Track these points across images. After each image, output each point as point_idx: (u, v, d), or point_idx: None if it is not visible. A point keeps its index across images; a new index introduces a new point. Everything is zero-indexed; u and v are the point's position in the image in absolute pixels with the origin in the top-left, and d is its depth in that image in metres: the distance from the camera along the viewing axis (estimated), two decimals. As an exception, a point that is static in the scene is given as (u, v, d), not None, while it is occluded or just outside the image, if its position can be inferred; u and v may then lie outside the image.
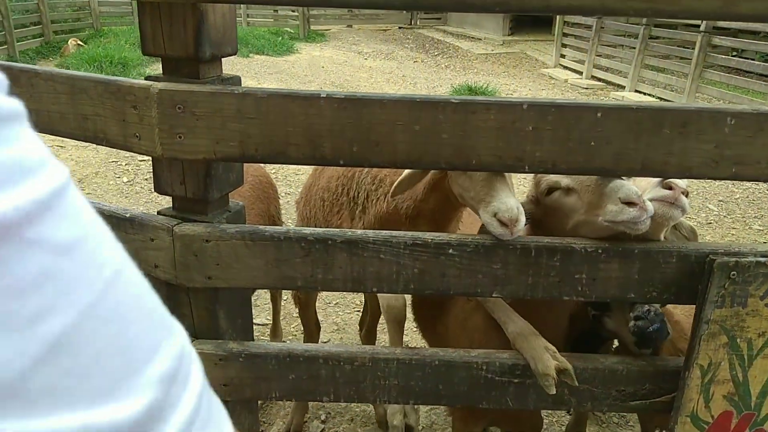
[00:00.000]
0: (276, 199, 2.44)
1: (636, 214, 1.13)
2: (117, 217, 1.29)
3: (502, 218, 1.16)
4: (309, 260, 1.25)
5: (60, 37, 11.78)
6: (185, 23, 1.12)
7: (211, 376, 1.33)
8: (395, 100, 1.12)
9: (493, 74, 12.04)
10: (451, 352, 1.33)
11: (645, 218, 1.14)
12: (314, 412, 2.37)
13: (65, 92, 1.24)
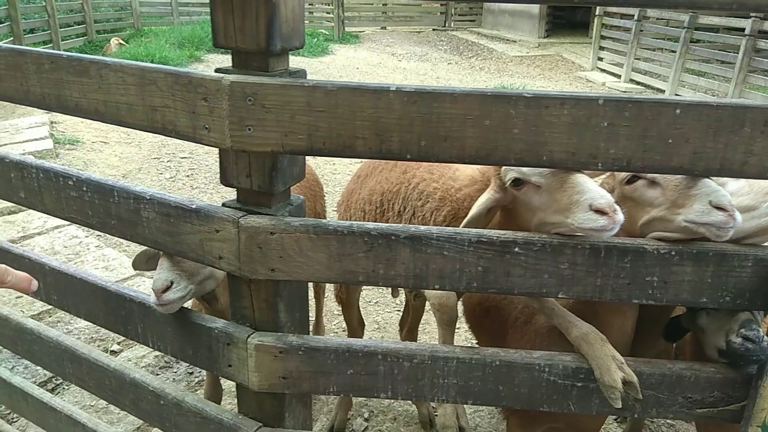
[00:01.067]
0: (322, 197, 2.45)
1: (724, 219, 1.10)
2: (183, 208, 1.30)
3: (600, 207, 1.13)
4: (371, 255, 1.24)
5: (102, 36, 12.09)
6: (257, 17, 1.12)
7: (271, 368, 1.34)
8: (466, 94, 1.11)
9: (529, 77, 11.91)
10: (512, 353, 1.31)
11: (731, 225, 1.11)
12: (357, 409, 2.36)
13: (134, 83, 1.26)
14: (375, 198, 1.87)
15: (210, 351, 1.40)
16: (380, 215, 1.86)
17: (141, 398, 1.58)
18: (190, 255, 1.35)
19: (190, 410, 1.49)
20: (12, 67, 1.46)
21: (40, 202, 1.55)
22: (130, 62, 1.27)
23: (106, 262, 3.45)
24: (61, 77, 1.36)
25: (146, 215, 1.36)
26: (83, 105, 1.35)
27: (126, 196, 1.37)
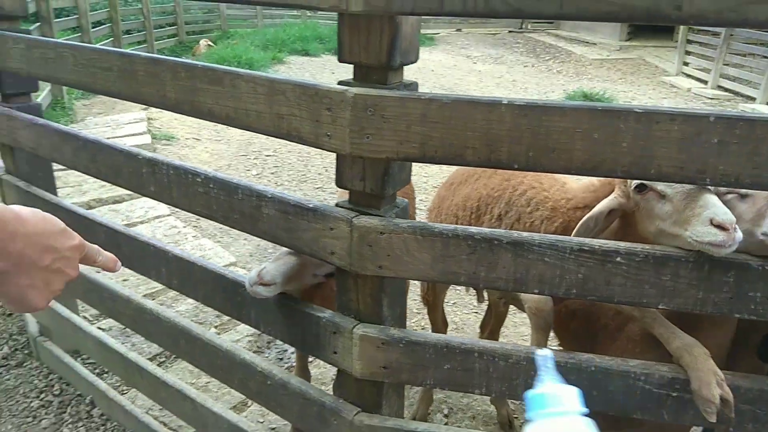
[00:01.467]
0: (413, 200, 2.55)
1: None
2: (301, 206, 1.43)
3: (721, 222, 1.16)
4: (474, 258, 1.32)
5: (191, 37, 12.74)
6: (382, 34, 1.22)
7: (373, 358, 1.44)
8: (576, 109, 1.16)
9: (609, 81, 11.57)
10: (608, 360, 1.35)
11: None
12: (437, 405, 2.44)
13: (264, 93, 1.39)
14: (470, 204, 1.94)
15: (317, 338, 1.52)
16: (475, 219, 1.92)
17: (249, 378, 1.72)
18: (304, 250, 1.47)
19: (294, 391, 1.61)
20: (150, 75, 1.63)
21: (169, 196, 1.72)
22: (261, 74, 1.41)
23: (202, 251, 3.70)
24: (196, 85, 1.52)
25: (267, 212, 1.50)
26: (216, 111, 1.50)
27: (249, 193, 1.51)
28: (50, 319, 2.48)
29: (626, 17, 1.09)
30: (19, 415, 2.46)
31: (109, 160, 1.87)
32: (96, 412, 2.43)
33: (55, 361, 2.58)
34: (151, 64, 1.63)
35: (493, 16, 1.16)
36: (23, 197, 2.29)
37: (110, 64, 1.74)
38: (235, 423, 1.83)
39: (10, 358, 2.71)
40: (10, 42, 2.04)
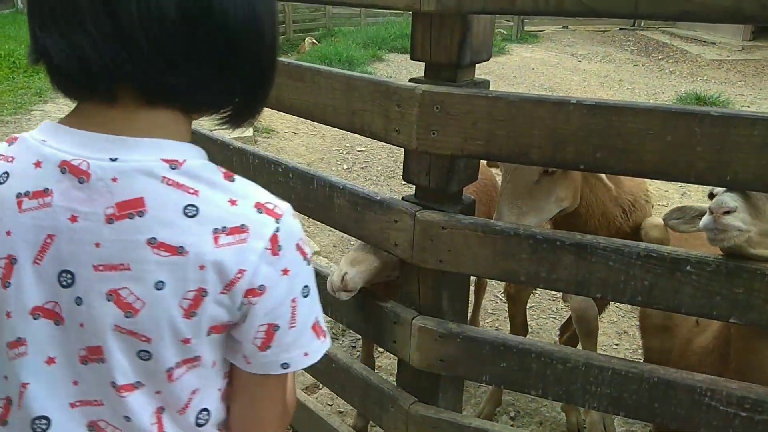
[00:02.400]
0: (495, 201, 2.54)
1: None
2: (369, 198, 1.49)
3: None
4: (535, 258, 1.31)
5: (298, 35, 13.27)
6: (452, 33, 1.25)
7: (431, 350, 1.47)
8: (649, 109, 1.13)
9: (727, 83, 10.71)
10: (672, 372, 1.29)
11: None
12: (504, 407, 2.43)
13: (340, 89, 1.47)
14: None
15: (379, 326, 1.58)
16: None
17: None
18: (370, 240, 1.53)
19: (357, 376, 1.68)
20: (243, 70, 1.76)
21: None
22: (339, 70, 1.49)
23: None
24: (282, 80, 1.62)
25: (338, 202, 1.57)
26: (297, 105, 1.60)
27: (323, 184, 1.60)
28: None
29: (705, 17, 1.05)
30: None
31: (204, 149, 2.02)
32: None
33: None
34: (243, 60, 1.76)
35: (564, 14, 1.16)
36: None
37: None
38: (302, 402, 1.93)
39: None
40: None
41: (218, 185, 0.71)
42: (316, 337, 0.77)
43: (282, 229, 0.71)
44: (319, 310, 0.78)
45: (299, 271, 0.73)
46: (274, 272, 0.70)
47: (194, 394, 0.75)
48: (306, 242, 0.75)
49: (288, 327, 0.73)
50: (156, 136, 0.69)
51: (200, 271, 0.67)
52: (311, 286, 0.75)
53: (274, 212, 0.72)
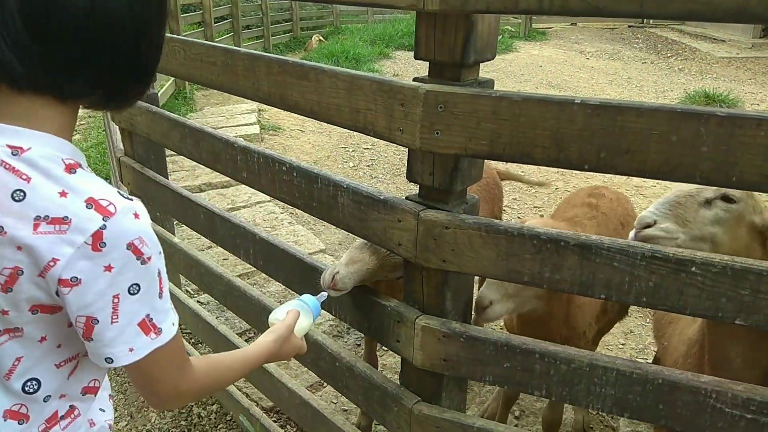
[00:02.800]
0: (501, 199, 2.53)
1: (630, 236, 1.26)
2: (372, 198, 1.49)
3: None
4: (539, 258, 1.31)
5: (305, 33, 13.28)
6: (456, 32, 1.25)
7: (434, 349, 1.47)
8: (654, 109, 1.12)
9: (737, 81, 10.62)
10: (677, 373, 1.29)
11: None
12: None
13: (344, 88, 1.46)
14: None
15: (382, 325, 1.58)
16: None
17: (320, 358, 1.82)
18: (374, 239, 1.53)
19: (360, 375, 1.68)
20: (248, 69, 1.76)
21: (258, 182, 1.85)
22: (342, 69, 1.48)
23: (296, 236, 3.91)
24: (286, 79, 1.62)
25: (342, 201, 1.57)
26: (301, 104, 1.59)
27: (327, 183, 1.60)
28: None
29: (710, 16, 1.04)
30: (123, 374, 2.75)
31: (210, 147, 2.03)
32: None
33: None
34: (249, 60, 1.76)
35: (570, 14, 1.15)
36: (137, 177, 2.55)
37: (215, 58, 1.89)
38: (306, 400, 1.93)
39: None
40: (134, 37, 2.27)
41: (53, 176, 0.75)
42: (143, 333, 0.80)
43: (110, 227, 0.74)
44: (155, 308, 0.81)
45: (126, 270, 0.76)
46: (93, 267, 0.74)
47: (18, 362, 0.81)
48: (149, 242, 0.78)
49: (110, 322, 0.77)
50: (23, 121, 0.76)
51: (17, 251, 0.73)
52: (145, 284, 0.79)
53: (106, 210, 0.75)
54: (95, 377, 0.93)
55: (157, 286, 0.82)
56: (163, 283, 0.83)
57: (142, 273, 0.78)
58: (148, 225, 0.80)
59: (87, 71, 0.77)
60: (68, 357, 0.86)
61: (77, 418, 0.92)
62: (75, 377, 0.89)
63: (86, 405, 0.94)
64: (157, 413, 2.54)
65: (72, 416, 0.91)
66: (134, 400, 2.61)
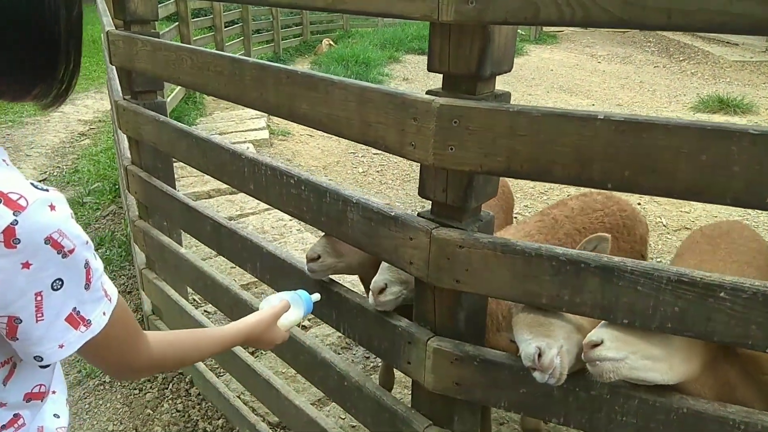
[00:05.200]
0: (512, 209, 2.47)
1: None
2: (383, 214, 1.43)
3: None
4: (557, 280, 1.24)
5: (315, 37, 13.27)
6: (472, 44, 1.19)
7: (446, 372, 1.41)
8: (682, 126, 1.05)
9: (751, 85, 10.48)
10: (703, 403, 1.22)
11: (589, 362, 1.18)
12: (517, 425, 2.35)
13: (354, 100, 1.41)
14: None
15: (393, 346, 1.52)
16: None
17: (328, 376, 1.76)
18: (384, 257, 1.48)
19: (369, 395, 1.63)
20: (255, 79, 1.72)
21: (265, 195, 1.80)
22: (353, 81, 1.43)
23: (304, 244, 3.85)
24: (294, 91, 1.57)
25: (351, 216, 1.52)
26: (310, 115, 1.54)
27: (336, 197, 1.55)
28: (161, 300, 2.70)
29: (740, 29, 0.98)
30: (128, 387, 2.71)
31: (217, 158, 1.99)
32: (194, 391, 2.61)
33: (165, 338, 2.80)
34: (257, 70, 1.71)
35: (592, 25, 1.09)
36: (144, 187, 2.51)
37: (222, 68, 1.85)
38: (313, 418, 1.88)
39: (127, 332, 2.99)
40: (139, 44, 2.24)
41: None
42: (72, 328, 0.78)
43: (22, 222, 0.70)
44: (82, 300, 0.78)
45: (47, 265, 0.73)
46: (8, 265, 0.70)
47: None
48: (69, 234, 0.74)
49: (35, 321, 0.74)
50: None
51: None
52: (68, 278, 0.76)
53: (16, 204, 0.71)
54: (40, 382, 0.89)
55: (83, 278, 0.78)
56: (91, 273, 0.79)
57: (65, 267, 0.75)
58: (68, 216, 0.75)
59: (10, 71, 0.74)
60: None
61: (22, 427, 0.87)
62: (13, 383, 0.84)
63: (33, 412, 0.89)
64: (162, 426, 2.49)
65: (16, 426, 0.86)
66: (139, 413, 2.57)
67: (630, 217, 2.07)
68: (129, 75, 2.51)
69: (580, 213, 1.96)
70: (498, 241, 1.29)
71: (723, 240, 2.01)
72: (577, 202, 2.03)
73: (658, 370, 1.21)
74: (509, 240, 1.30)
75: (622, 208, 2.06)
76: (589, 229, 1.91)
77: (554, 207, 2.03)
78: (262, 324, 1.25)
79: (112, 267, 3.79)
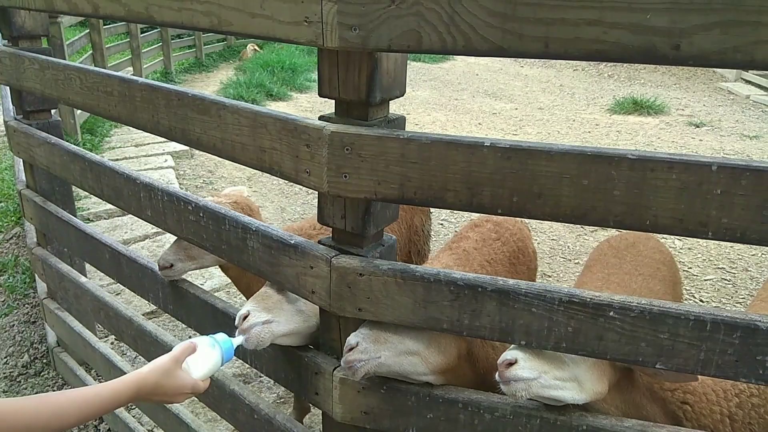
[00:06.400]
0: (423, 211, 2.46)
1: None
2: (283, 242, 1.38)
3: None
4: (457, 305, 1.24)
5: (240, 42, 12.98)
6: (360, 70, 1.16)
7: (354, 402, 1.38)
8: (563, 152, 1.07)
9: (663, 86, 11.13)
10: (601, 419, 1.24)
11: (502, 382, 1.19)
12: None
13: (248, 125, 1.36)
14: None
15: (299, 377, 1.48)
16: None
17: (237, 409, 1.69)
18: (287, 286, 1.43)
19: (279, 428, 1.57)
20: (146, 101, 1.63)
21: (164, 222, 1.71)
22: (246, 105, 1.37)
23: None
24: (186, 113, 1.50)
25: (251, 245, 1.46)
26: (203, 140, 1.47)
27: (235, 225, 1.48)
28: (64, 332, 2.53)
29: (618, 57, 1.00)
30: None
31: (112, 183, 1.88)
32: (103, 427, 2.46)
33: (69, 373, 2.63)
34: (147, 90, 1.63)
35: (474, 54, 1.08)
36: (39, 212, 2.34)
37: (112, 88, 1.75)
38: (226, 452, 1.80)
39: (29, 367, 2.79)
40: (27, 62, 2.09)
41: None
42: None
43: None
44: None
45: None
46: None
47: None
48: None
49: None
50: None
51: None
52: None
53: None
54: None
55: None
56: None
57: None
58: None
59: None
60: None
61: None
62: None
63: None
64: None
65: None
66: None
67: (521, 238, 2.13)
68: (19, 94, 2.34)
69: (483, 244, 1.99)
70: (398, 267, 1.27)
71: (629, 252, 2.09)
72: (475, 234, 2.05)
73: (569, 389, 1.23)
74: (408, 266, 1.28)
75: (513, 232, 2.11)
76: (495, 260, 1.95)
77: (459, 240, 2.03)
78: (157, 372, 1.08)
79: (16, 294, 3.53)
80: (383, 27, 1.08)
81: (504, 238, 2.05)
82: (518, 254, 2.06)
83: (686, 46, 0.95)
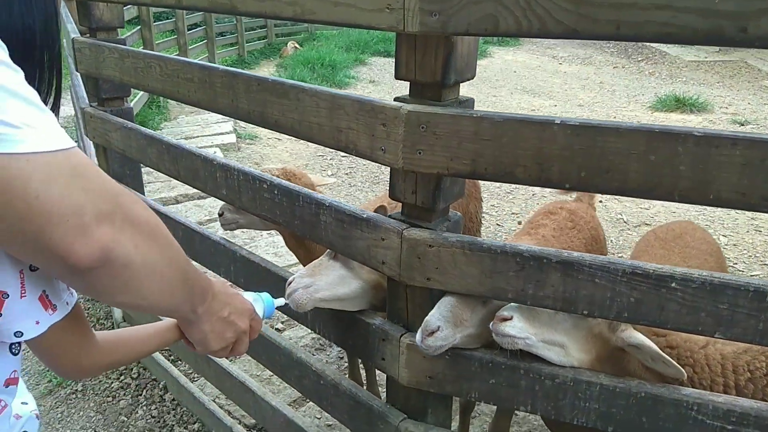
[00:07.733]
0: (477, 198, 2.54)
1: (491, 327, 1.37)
2: (355, 216, 1.48)
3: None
4: (522, 275, 1.32)
5: (280, 39, 13.22)
6: (436, 53, 1.25)
7: (419, 367, 1.47)
8: (632, 130, 1.14)
9: (705, 84, 10.89)
10: (659, 387, 1.31)
11: (496, 333, 1.35)
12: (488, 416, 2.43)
13: (326, 107, 1.46)
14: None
15: (367, 343, 1.57)
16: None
17: (304, 376, 1.80)
18: (357, 258, 1.53)
19: (345, 393, 1.67)
20: (226, 86, 1.75)
21: (239, 200, 1.83)
22: (324, 89, 1.48)
23: (275, 248, 3.87)
24: (266, 97, 1.61)
25: (324, 219, 1.56)
26: (282, 122, 1.59)
27: (309, 201, 1.59)
28: (134, 306, 2.69)
29: (685, 39, 1.06)
30: (101, 394, 2.69)
31: (189, 164, 2.01)
32: (168, 397, 2.61)
33: (137, 345, 2.79)
34: (228, 77, 1.75)
35: (549, 36, 1.16)
36: (114, 194, 2.50)
37: (192, 75, 1.87)
38: (290, 418, 1.91)
39: (98, 340, 2.96)
40: (106, 51, 2.24)
41: None
42: (44, 308, 0.83)
43: None
44: (50, 286, 0.84)
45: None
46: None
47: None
48: None
49: (19, 297, 0.79)
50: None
51: None
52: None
53: None
54: (14, 368, 0.90)
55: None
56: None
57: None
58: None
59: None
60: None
61: (4, 409, 0.89)
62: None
63: (11, 397, 0.92)
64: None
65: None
66: (113, 420, 2.56)
67: (594, 226, 2.21)
68: (96, 82, 2.50)
69: (561, 233, 2.06)
70: (465, 239, 1.35)
71: (676, 243, 2.14)
72: (551, 222, 2.12)
73: (555, 353, 1.37)
74: (476, 239, 1.36)
75: (587, 220, 2.19)
76: (572, 247, 2.03)
77: (537, 227, 2.10)
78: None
79: (80, 275, 3.72)
80: (462, 12, 1.17)
81: (579, 226, 2.12)
82: (592, 241, 2.13)
83: (753, 29, 1.01)
